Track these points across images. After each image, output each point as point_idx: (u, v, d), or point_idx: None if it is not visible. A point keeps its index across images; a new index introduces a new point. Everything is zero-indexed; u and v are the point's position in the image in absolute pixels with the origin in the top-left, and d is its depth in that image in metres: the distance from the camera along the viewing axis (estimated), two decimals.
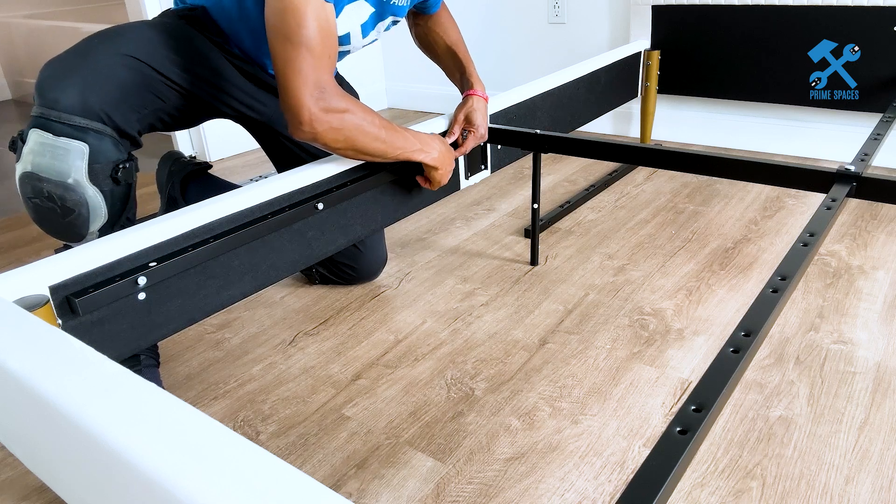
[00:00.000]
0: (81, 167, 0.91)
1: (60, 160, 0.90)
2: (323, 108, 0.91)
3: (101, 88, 0.93)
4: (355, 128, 0.94)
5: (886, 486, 0.82)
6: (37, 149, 0.90)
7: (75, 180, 0.91)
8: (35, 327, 0.57)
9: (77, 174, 0.90)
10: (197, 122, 1.17)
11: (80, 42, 0.97)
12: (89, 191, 0.92)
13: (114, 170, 0.94)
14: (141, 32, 1.02)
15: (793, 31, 1.80)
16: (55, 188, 0.90)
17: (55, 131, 0.90)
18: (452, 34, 1.33)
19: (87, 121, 0.91)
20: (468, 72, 1.29)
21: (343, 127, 0.93)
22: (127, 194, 0.97)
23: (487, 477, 0.88)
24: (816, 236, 0.83)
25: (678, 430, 0.53)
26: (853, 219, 1.54)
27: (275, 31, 0.90)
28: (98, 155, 0.92)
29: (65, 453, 0.49)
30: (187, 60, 1.05)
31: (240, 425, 1.01)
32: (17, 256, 1.68)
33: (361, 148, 0.97)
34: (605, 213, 1.67)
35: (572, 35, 2.31)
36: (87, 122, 0.91)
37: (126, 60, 0.96)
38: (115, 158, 0.94)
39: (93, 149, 0.91)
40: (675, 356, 1.10)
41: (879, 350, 1.08)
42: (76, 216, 0.92)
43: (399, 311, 1.29)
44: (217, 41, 1.12)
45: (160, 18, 1.12)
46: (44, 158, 0.90)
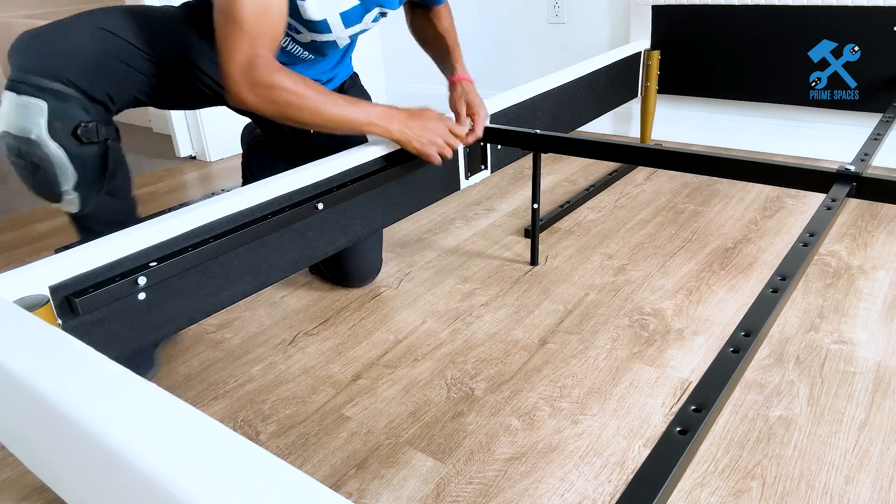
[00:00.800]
0: (42, 123, 0.96)
1: (23, 118, 0.96)
2: (250, 83, 0.95)
3: (67, 54, 0.98)
4: (286, 103, 0.97)
5: (886, 486, 0.82)
6: (7, 109, 0.97)
7: (37, 136, 0.96)
8: (35, 327, 0.57)
9: (38, 130, 0.96)
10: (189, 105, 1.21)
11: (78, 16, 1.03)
12: (51, 146, 0.97)
13: (75, 128, 0.98)
14: (126, 10, 1.06)
15: (793, 31, 1.80)
16: (22, 144, 0.97)
17: (19, 91, 0.96)
18: (445, 22, 1.35)
19: (48, 81, 0.96)
20: (453, 57, 1.32)
21: (273, 101, 0.97)
22: (101, 156, 1.03)
23: (487, 477, 0.88)
24: (816, 236, 0.83)
25: (678, 430, 0.53)
26: (853, 219, 1.54)
27: (217, 8, 0.95)
28: (58, 113, 0.97)
29: (65, 453, 0.49)
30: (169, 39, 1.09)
31: (240, 425, 1.01)
32: (17, 256, 1.68)
33: (296, 120, 1.00)
34: (605, 213, 1.67)
35: (572, 35, 2.31)
36: (47, 82, 0.96)
37: (98, 32, 1.01)
38: (76, 118, 0.98)
39: (52, 107, 0.96)
40: (675, 356, 1.10)
41: (879, 350, 1.08)
42: (44, 173, 0.99)
43: (399, 311, 1.29)
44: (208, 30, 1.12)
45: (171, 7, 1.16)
46: (11, 118, 0.96)
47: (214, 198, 0.90)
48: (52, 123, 0.97)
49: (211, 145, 2.35)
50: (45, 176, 0.99)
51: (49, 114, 0.96)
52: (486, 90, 2.57)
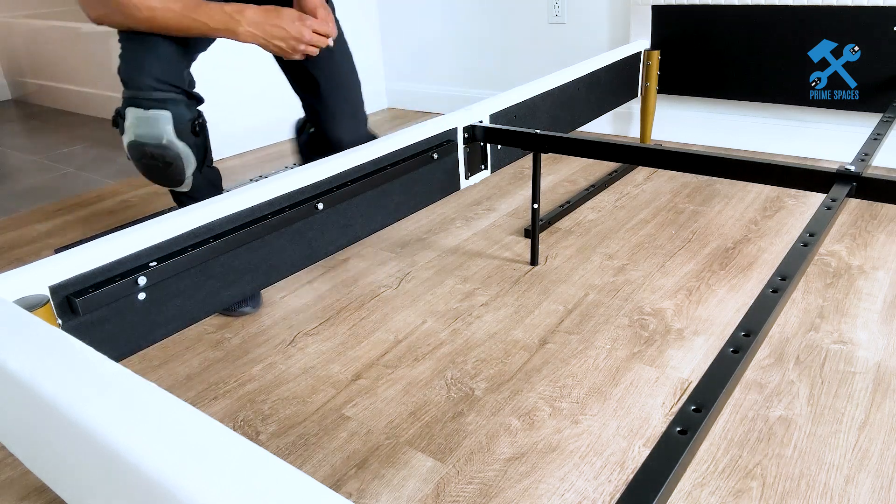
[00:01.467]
0: (170, 130, 1.16)
1: (153, 128, 1.15)
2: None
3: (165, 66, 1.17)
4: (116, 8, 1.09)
5: (886, 486, 0.82)
6: (134, 122, 1.16)
7: (168, 140, 1.16)
8: (35, 327, 0.57)
9: (168, 136, 1.16)
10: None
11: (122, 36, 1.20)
12: (180, 146, 1.18)
13: (191, 126, 1.19)
14: None
15: (793, 31, 1.80)
16: (155, 149, 1.16)
17: (144, 107, 1.15)
18: None
19: (162, 93, 1.16)
20: None
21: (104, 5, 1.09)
22: (205, 143, 1.24)
23: (487, 477, 0.88)
24: (816, 236, 0.83)
25: (678, 430, 0.53)
26: (853, 219, 1.54)
27: None
28: (178, 117, 1.17)
29: (65, 453, 0.49)
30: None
31: (240, 425, 1.01)
32: (17, 256, 1.68)
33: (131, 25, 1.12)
34: (605, 213, 1.67)
35: (572, 35, 2.31)
36: (161, 94, 1.16)
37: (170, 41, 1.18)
38: (189, 117, 1.19)
39: (174, 114, 1.16)
40: (675, 356, 1.10)
41: (879, 350, 1.08)
42: (174, 167, 1.19)
43: (399, 311, 1.29)
44: None
45: None
46: (141, 129, 1.16)
47: (214, 198, 0.90)
48: (176, 127, 1.17)
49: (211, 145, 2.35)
50: (175, 170, 1.19)
51: (173, 120, 1.16)
52: (486, 90, 2.58)
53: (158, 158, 1.17)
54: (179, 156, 1.18)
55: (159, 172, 1.20)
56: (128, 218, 1.86)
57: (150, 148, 1.16)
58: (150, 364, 1.18)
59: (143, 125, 1.15)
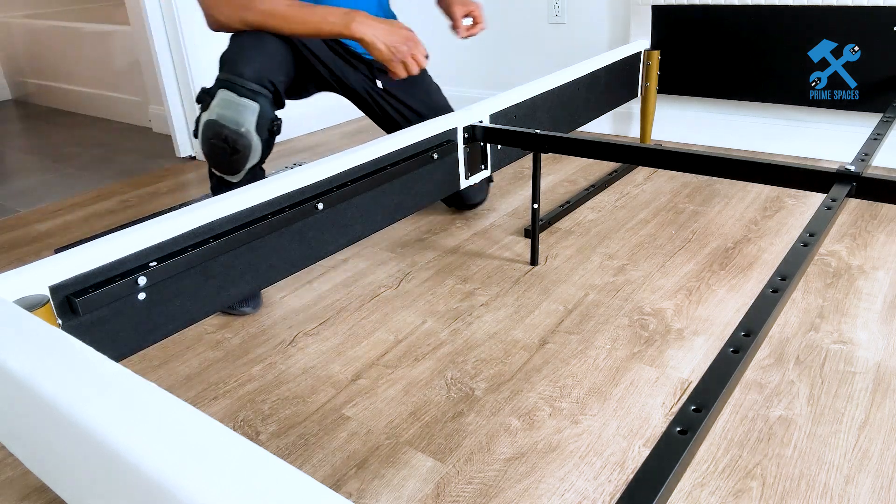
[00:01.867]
0: (253, 121, 1.21)
1: (239, 114, 1.21)
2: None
3: (268, 64, 1.25)
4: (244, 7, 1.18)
5: (886, 486, 0.82)
6: (222, 104, 1.21)
7: (247, 130, 1.22)
8: (35, 327, 0.57)
9: (249, 125, 1.21)
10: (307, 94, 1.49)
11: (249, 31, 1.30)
12: (254, 139, 1.23)
13: (270, 124, 1.25)
14: None
15: (793, 31, 1.80)
16: (231, 133, 1.21)
17: (238, 92, 1.21)
18: None
19: (259, 87, 1.22)
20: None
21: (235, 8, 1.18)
22: (271, 145, 1.28)
23: (487, 477, 0.88)
24: (816, 236, 0.83)
25: (678, 430, 0.53)
26: (853, 219, 1.54)
27: None
28: (263, 113, 1.23)
29: (65, 453, 0.49)
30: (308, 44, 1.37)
31: (240, 425, 1.01)
32: (17, 256, 1.68)
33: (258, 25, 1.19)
34: (605, 213, 1.67)
35: (572, 35, 2.31)
36: (259, 87, 1.22)
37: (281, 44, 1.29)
38: (271, 116, 1.25)
39: (262, 108, 1.23)
40: (675, 356, 1.10)
41: (879, 350, 1.08)
42: (240, 156, 1.23)
43: (399, 311, 1.29)
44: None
45: None
46: (226, 111, 1.20)
47: (214, 198, 0.90)
48: (258, 121, 1.22)
49: None
50: (239, 159, 1.23)
51: (259, 114, 1.22)
52: (486, 90, 2.57)
53: (230, 143, 1.21)
54: (250, 147, 1.22)
55: (223, 156, 1.23)
56: (128, 218, 1.86)
57: (228, 131, 1.20)
58: (150, 364, 1.18)
59: (230, 108, 1.20)
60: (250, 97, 1.21)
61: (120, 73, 3.01)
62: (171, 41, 2.22)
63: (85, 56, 3.19)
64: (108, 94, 3.14)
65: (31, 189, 2.21)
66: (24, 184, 2.28)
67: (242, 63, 1.23)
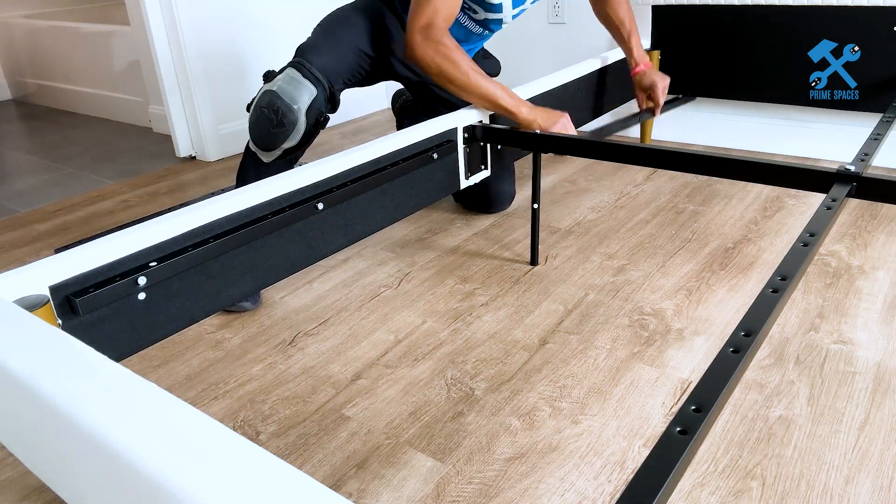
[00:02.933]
0: (307, 101, 1.32)
1: (297, 91, 1.32)
2: (425, 37, 1.25)
3: (335, 63, 1.37)
4: (444, 58, 1.25)
5: (886, 486, 0.82)
6: (286, 78, 1.33)
7: (298, 108, 1.32)
8: (35, 327, 0.57)
9: (302, 104, 1.32)
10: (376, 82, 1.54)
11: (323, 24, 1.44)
12: (301, 119, 1.32)
13: (318, 116, 1.35)
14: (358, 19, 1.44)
15: (793, 31, 1.80)
16: (283, 106, 1.31)
17: (303, 74, 1.33)
18: (620, 11, 1.65)
19: (322, 76, 1.34)
20: (628, 47, 1.68)
21: (436, 54, 1.25)
22: (312, 137, 1.38)
23: (487, 477, 0.88)
24: (816, 236, 0.83)
25: (678, 430, 0.53)
26: (853, 219, 1.54)
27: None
28: (317, 101, 1.34)
29: (65, 453, 0.49)
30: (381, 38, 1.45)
31: (240, 425, 1.01)
32: (17, 256, 1.68)
33: (448, 78, 1.26)
34: (605, 213, 1.67)
35: (572, 35, 2.31)
36: (322, 77, 1.34)
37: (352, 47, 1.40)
38: (323, 109, 1.36)
39: (318, 95, 1.33)
40: (675, 356, 1.10)
41: (879, 350, 1.08)
42: (283, 130, 1.32)
43: (399, 311, 1.29)
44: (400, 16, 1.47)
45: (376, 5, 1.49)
46: (287, 86, 1.32)
47: (214, 198, 0.90)
48: (311, 106, 1.32)
49: (211, 145, 2.35)
50: (281, 133, 1.33)
51: (314, 99, 1.33)
52: None
53: (278, 115, 1.32)
54: (295, 124, 1.33)
55: (267, 125, 1.33)
56: (128, 218, 1.86)
57: (281, 103, 1.31)
58: (150, 364, 1.18)
59: (291, 84, 1.32)
60: (313, 81, 1.33)
61: (120, 73, 3.01)
62: (171, 41, 2.22)
63: (85, 56, 3.19)
64: (108, 94, 3.14)
65: (31, 189, 2.21)
66: (24, 184, 2.28)
67: (316, 55, 1.35)
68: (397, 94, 2.05)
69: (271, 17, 2.42)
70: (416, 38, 1.25)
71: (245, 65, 2.39)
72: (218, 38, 2.29)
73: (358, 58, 1.42)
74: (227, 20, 2.30)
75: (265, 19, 2.41)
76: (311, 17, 1.58)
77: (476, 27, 1.50)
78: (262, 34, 2.40)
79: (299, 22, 2.45)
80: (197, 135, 2.35)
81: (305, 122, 1.33)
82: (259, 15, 2.39)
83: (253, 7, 2.36)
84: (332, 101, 1.38)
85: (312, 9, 2.45)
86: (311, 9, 2.45)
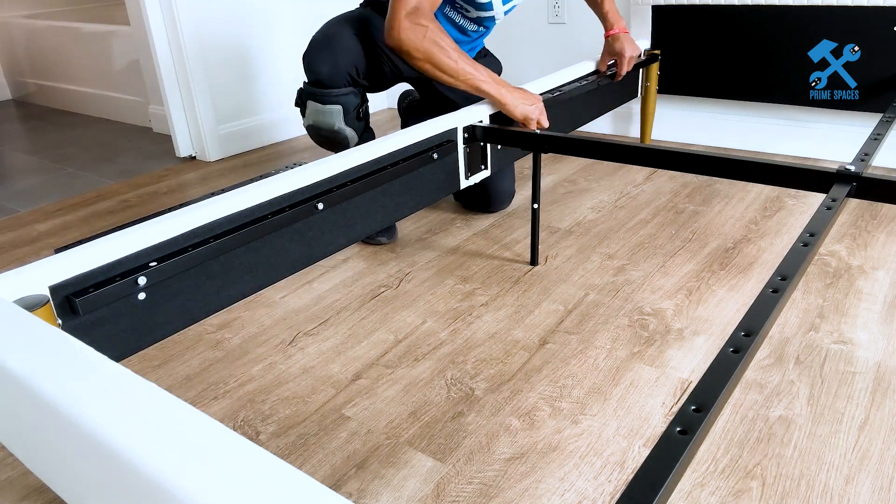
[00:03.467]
0: (341, 118, 1.45)
1: (328, 118, 1.45)
2: (413, 22, 1.23)
3: (346, 58, 1.43)
4: (433, 43, 1.23)
5: (886, 486, 0.82)
6: (313, 113, 1.47)
7: (339, 127, 1.46)
8: (35, 327, 0.57)
9: (339, 124, 1.46)
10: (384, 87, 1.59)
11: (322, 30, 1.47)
12: (347, 131, 1.47)
13: (356, 112, 1.47)
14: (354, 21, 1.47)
15: (793, 31, 1.80)
16: (326, 132, 1.48)
17: (322, 101, 1.44)
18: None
19: (338, 89, 1.43)
20: (603, 11, 1.67)
21: (423, 38, 1.23)
22: (366, 123, 1.52)
23: (487, 477, 0.88)
24: (816, 236, 0.83)
25: (678, 430, 0.53)
26: (853, 219, 1.54)
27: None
28: (347, 107, 1.45)
29: (65, 453, 0.49)
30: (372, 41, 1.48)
31: (240, 425, 1.01)
32: (17, 256, 1.68)
33: (436, 62, 1.25)
34: (605, 213, 1.67)
35: (572, 35, 2.31)
36: (338, 90, 1.43)
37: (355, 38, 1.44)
38: (356, 104, 1.46)
39: (344, 106, 1.45)
40: (675, 356, 1.10)
41: (879, 350, 1.08)
42: (342, 145, 1.48)
43: (399, 311, 1.29)
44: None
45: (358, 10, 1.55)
46: (318, 117, 1.46)
47: (214, 198, 0.90)
48: (346, 117, 1.45)
49: (211, 145, 2.35)
50: (341, 145, 1.48)
51: (343, 112, 1.44)
52: None
53: (330, 139, 1.49)
54: (347, 137, 1.48)
55: (329, 145, 1.51)
56: (128, 218, 1.86)
57: (325, 132, 1.48)
58: (150, 364, 1.18)
59: (320, 116, 1.45)
60: (333, 102, 1.44)
61: (120, 73, 3.01)
62: (171, 41, 2.22)
63: (85, 56, 3.19)
64: (108, 94, 3.14)
65: (31, 189, 2.21)
66: (24, 184, 2.28)
67: (318, 63, 1.43)
68: (404, 94, 2.08)
69: (271, 16, 2.42)
70: (403, 23, 1.23)
71: (245, 65, 2.39)
72: (218, 38, 2.29)
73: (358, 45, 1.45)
74: (227, 20, 2.30)
75: (265, 19, 2.41)
76: (311, 17, 1.59)
77: (471, 25, 1.53)
78: (262, 34, 2.40)
79: (299, 22, 2.46)
80: (197, 135, 2.35)
81: (351, 129, 1.47)
82: (259, 15, 2.39)
83: (253, 7, 2.36)
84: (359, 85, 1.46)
85: (312, 9, 2.45)
86: (311, 9, 2.46)
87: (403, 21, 1.23)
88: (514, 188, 1.73)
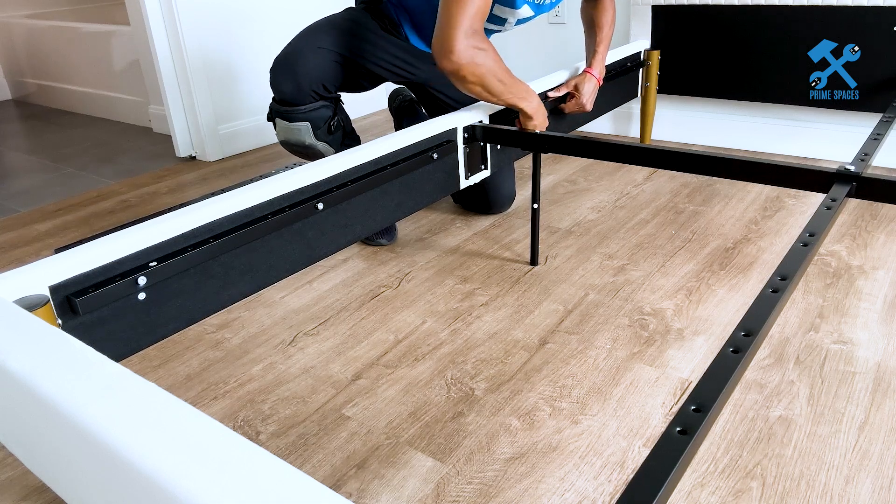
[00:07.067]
0: (310, 134, 1.43)
1: (297, 135, 1.44)
2: (472, 46, 1.14)
3: (308, 76, 1.38)
4: (488, 68, 1.17)
5: (886, 486, 0.82)
6: (283, 130, 1.45)
7: (310, 143, 1.44)
8: (35, 327, 0.57)
9: (310, 139, 1.44)
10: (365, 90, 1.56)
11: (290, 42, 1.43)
12: (319, 146, 1.45)
13: (327, 126, 1.43)
14: (330, 28, 1.44)
15: (793, 31, 1.80)
16: (300, 147, 1.46)
17: (289, 119, 1.42)
18: (603, 17, 1.59)
19: (304, 105, 1.40)
20: (596, 52, 1.59)
21: (482, 63, 1.16)
22: (343, 134, 1.48)
23: (487, 477, 0.88)
24: (816, 236, 0.83)
25: (678, 430, 0.53)
26: (853, 219, 1.54)
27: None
28: (317, 122, 1.42)
29: (65, 453, 0.49)
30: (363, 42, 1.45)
31: (240, 425, 1.01)
32: (17, 256, 1.68)
33: (488, 86, 1.19)
34: (605, 213, 1.67)
35: (572, 35, 2.31)
36: (304, 107, 1.41)
37: (321, 52, 1.40)
38: (326, 118, 1.43)
39: (312, 121, 1.42)
40: (675, 356, 1.10)
41: (879, 350, 1.08)
42: (316, 154, 1.46)
43: (399, 311, 1.29)
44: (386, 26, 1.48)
45: (346, 12, 1.51)
46: (288, 135, 1.45)
47: (214, 198, 0.90)
48: (315, 132, 1.43)
49: (211, 145, 2.35)
50: (317, 156, 1.45)
51: (312, 128, 1.42)
52: None
53: (302, 152, 1.48)
54: (319, 150, 1.46)
55: (305, 157, 1.50)
56: (128, 218, 1.86)
57: (297, 147, 1.47)
58: (150, 364, 1.18)
59: (289, 133, 1.44)
60: (300, 119, 1.41)
61: (120, 73, 3.01)
62: (171, 41, 2.22)
63: (85, 56, 3.19)
64: (108, 94, 3.14)
65: (31, 189, 2.21)
66: (24, 184, 2.28)
67: (280, 83, 1.40)
68: (394, 93, 2.04)
69: (271, 17, 2.42)
70: (462, 47, 1.12)
71: (245, 65, 2.39)
72: (218, 38, 2.29)
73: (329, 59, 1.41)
74: (227, 20, 2.30)
75: (265, 19, 2.41)
76: (312, 17, 1.58)
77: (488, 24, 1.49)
78: (262, 34, 2.40)
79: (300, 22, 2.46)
80: (197, 135, 2.35)
81: (323, 142, 1.45)
82: (259, 15, 2.39)
83: (253, 7, 2.36)
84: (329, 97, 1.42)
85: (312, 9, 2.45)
86: (311, 9, 2.45)
87: (462, 43, 1.12)
88: (514, 191, 1.72)
